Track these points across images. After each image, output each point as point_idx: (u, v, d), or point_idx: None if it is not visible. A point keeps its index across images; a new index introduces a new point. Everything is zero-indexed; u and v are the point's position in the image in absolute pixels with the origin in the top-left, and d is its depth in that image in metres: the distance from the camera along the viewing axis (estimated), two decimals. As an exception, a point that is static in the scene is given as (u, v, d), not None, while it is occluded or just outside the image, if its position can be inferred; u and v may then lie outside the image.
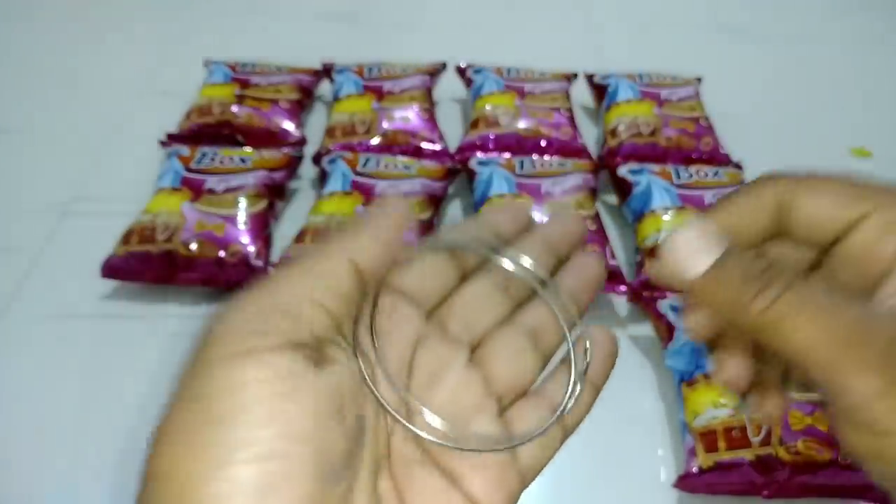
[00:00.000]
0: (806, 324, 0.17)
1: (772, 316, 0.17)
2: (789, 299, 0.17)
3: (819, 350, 0.17)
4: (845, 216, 0.19)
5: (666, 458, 0.43)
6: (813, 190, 0.20)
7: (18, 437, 0.43)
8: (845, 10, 0.92)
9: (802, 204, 0.20)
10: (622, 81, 0.65)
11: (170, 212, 0.51)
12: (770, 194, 0.20)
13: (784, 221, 0.20)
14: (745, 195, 0.21)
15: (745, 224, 0.20)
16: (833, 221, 0.19)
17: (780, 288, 0.18)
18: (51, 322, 0.49)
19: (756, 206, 0.20)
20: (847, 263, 0.20)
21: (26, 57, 0.79)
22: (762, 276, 0.18)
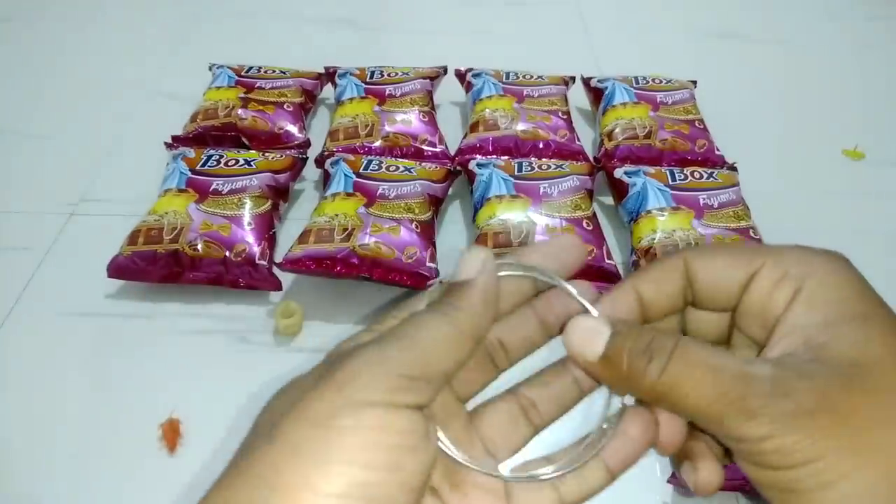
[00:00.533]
0: (694, 388, 0.19)
1: (664, 385, 0.20)
2: (675, 367, 0.19)
3: (710, 408, 0.19)
4: (738, 276, 0.21)
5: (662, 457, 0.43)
6: (710, 256, 0.22)
7: (24, 433, 0.44)
8: (838, 13, 0.93)
9: (700, 269, 0.22)
10: (618, 85, 0.67)
11: (176, 212, 0.52)
12: (677, 263, 0.22)
13: (692, 288, 0.22)
14: (656, 267, 0.23)
15: (659, 290, 0.22)
16: (728, 281, 0.21)
17: (664, 358, 0.20)
18: (58, 320, 0.50)
19: (666, 275, 0.22)
20: (749, 319, 0.21)
21: (34, 60, 0.80)
22: (647, 349, 0.20)
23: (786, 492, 0.18)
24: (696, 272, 0.22)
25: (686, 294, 0.22)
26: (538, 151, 0.62)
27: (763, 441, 0.18)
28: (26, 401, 0.45)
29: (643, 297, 0.22)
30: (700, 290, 0.22)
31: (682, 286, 0.22)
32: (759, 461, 0.19)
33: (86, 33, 0.85)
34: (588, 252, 0.51)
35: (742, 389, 0.19)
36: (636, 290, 0.22)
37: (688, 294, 0.22)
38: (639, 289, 0.22)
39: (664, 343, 0.20)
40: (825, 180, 0.66)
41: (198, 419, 0.44)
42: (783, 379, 0.19)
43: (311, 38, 0.85)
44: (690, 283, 0.22)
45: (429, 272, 0.49)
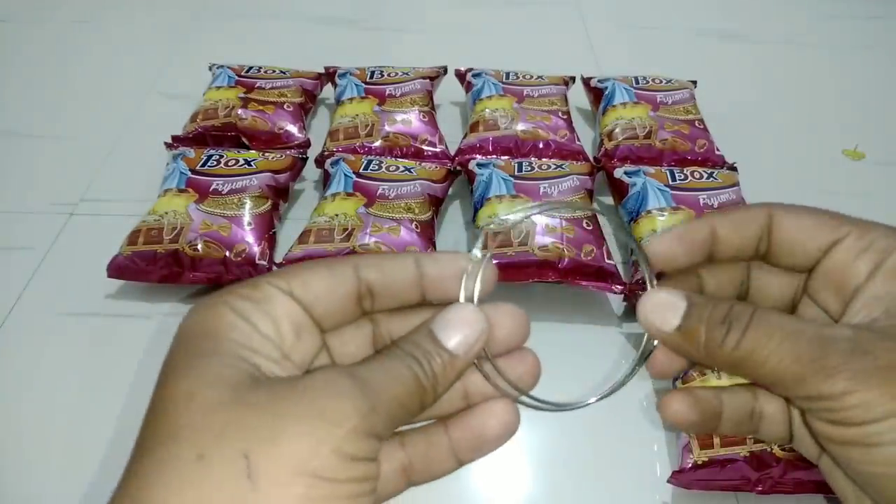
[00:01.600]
0: (773, 353, 0.19)
1: (741, 353, 0.20)
2: (753, 335, 0.20)
3: (788, 370, 0.19)
4: (823, 238, 0.21)
5: (661, 454, 0.43)
6: (797, 213, 0.22)
7: (23, 432, 0.44)
8: (838, 13, 0.93)
9: (787, 223, 0.22)
10: (618, 85, 0.67)
11: (176, 212, 0.52)
12: (761, 212, 0.22)
13: (770, 239, 0.22)
14: (738, 210, 0.23)
15: (735, 231, 0.22)
16: (811, 241, 0.21)
17: (742, 327, 0.20)
18: (57, 320, 0.50)
19: (748, 219, 0.22)
20: (823, 285, 0.22)
21: (34, 60, 0.80)
22: (725, 320, 0.20)
23: (863, 447, 0.19)
24: (779, 225, 0.22)
25: (760, 245, 0.22)
26: (538, 151, 0.62)
27: (843, 397, 0.18)
28: (26, 401, 0.45)
29: (718, 233, 0.22)
30: (779, 244, 0.22)
31: (759, 235, 0.22)
32: (838, 418, 0.19)
33: (86, 33, 0.85)
34: (588, 252, 0.51)
35: (821, 350, 0.19)
36: (712, 225, 0.22)
37: (762, 245, 0.22)
38: (715, 225, 0.22)
39: (741, 312, 0.20)
40: (825, 180, 0.66)
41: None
42: (863, 340, 0.19)
43: (311, 38, 0.85)
44: (770, 235, 0.22)
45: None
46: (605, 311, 0.52)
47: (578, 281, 0.50)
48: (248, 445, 0.16)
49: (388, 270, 0.20)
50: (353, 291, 0.20)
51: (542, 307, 0.52)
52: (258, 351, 0.18)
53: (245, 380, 0.17)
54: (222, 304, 0.18)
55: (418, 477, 0.22)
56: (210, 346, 0.18)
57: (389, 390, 0.18)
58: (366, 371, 0.18)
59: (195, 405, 0.17)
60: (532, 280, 0.50)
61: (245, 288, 0.19)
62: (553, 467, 0.43)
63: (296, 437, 0.16)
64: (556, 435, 0.44)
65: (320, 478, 0.16)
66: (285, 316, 0.19)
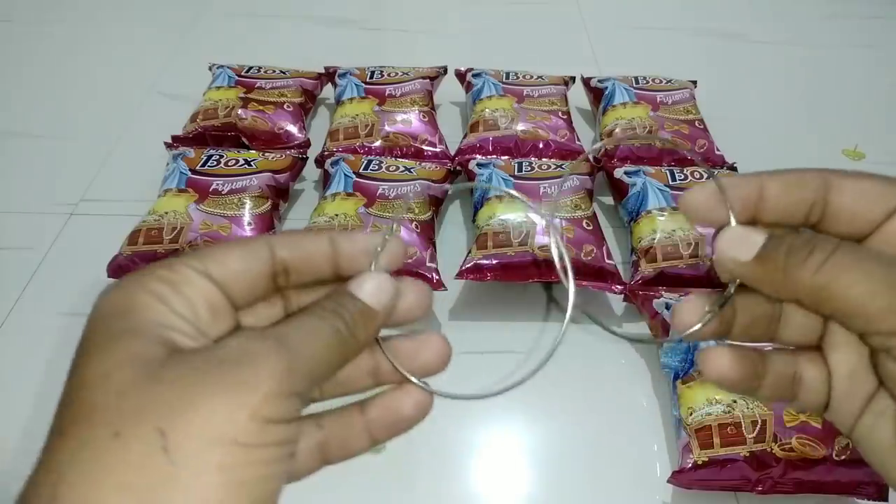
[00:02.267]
0: (860, 278, 0.18)
1: (825, 276, 0.18)
2: (839, 258, 0.19)
3: (876, 299, 0.18)
4: (888, 204, 0.20)
5: (661, 454, 0.43)
6: (855, 178, 0.20)
7: (24, 432, 0.44)
8: (838, 13, 0.93)
9: (849, 188, 0.20)
10: (618, 85, 0.67)
11: (176, 212, 0.52)
12: (817, 174, 0.21)
13: (825, 204, 0.21)
14: (792, 172, 0.21)
15: (787, 192, 0.21)
16: (874, 207, 0.20)
17: (827, 251, 0.19)
18: (58, 320, 0.50)
19: (801, 182, 0.21)
20: (883, 249, 0.20)
21: (34, 60, 0.80)
22: (807, 244, 0.19)
23: None
24: (839, 190, 0.20)
25: (812, 211, 0.21)
26: (538, 151, 0.62)
27: None
28: (26, 401, 0.45)
29: (767, 193, 0.21)
30: (837, 210, 0.20)
31: (812, 200, 0.20)
32: None
33: (86, 33, 0.85)
34: (588, 252, 0.51)
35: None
36: (762, 184, 0.20)
37: (814, 212, 0.21)
38: (766, 184, 0.20)
39: (825, 240, 0.19)
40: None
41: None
42: None
43: (311, 38, 0.85)
44: (828, 201, 0.20)
45: (428, 272, 0.49)
46: (605, 311, 0.52)
47: (578, 281, 0.50)
48: (163, 420, 0.15)
49: (304, 248, 0.20)
50: (268, 270, 0.20)
51: (541, 307, 0.52)
52: (174, 327, 0.18)
53: (160, 356, 0.17)
54: (136, 285, 0.18)
55: (334, 455, 0.22)
56: (124, 326, 0.17)
57: (308, 346, 0.18)
58: (282, 330, 0.18)
59: (110, 385, 0.16)
60: (532, 280, 0.50)
61: (161, 269, 0.18)
62: (553, 467, 0.43)
63: (211, 407, 0.16)
64: (557, 435, 0.44)
65: (238, 444, 0.16)
66: (201, 297, 0.18)
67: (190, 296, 0.18)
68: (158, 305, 0.18)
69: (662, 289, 0.49)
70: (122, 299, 0.18)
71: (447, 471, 0.42)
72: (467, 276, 0.50)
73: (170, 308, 0.18)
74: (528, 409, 0.46)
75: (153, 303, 0.18)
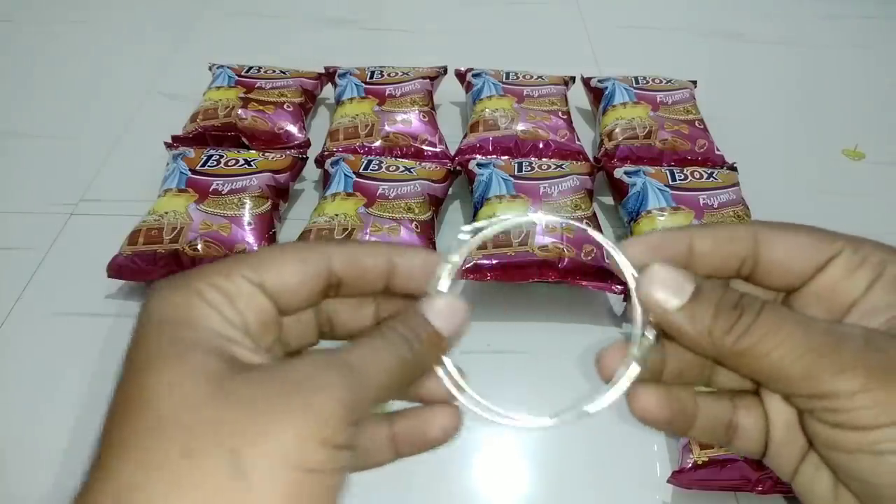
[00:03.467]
0: (782, 342, 0.18)
1: (748, 341, 0.18)
2: (765, 322, 0.19)
3: (796, 363, 0.18)
4: (816, 257, 0.20)
5: (661, 454, 0.43)
6: (785, 232, 0.21)
7: (24, 432, 0.44)
8: (838, 13, 0.93)
9: (777, 243, 0.21)
10: (618, 85, 0.67)
11: (176, 212, 0.52)
12: (748, 229, 0.21)
13: (757, 258, 0.21)
14: (721, 227, 0.21)
15: (717, 248, 0.21)
16: (804, 261, 0.20)
17: (753, 315, 0.19)
18: (58, 320, 0.50)
19: (731, 237, 0.21)
20: (812, 301, 0.21)
21: (34, 60, 0.80)
22: (736, 306, 0.19)
23: (871, 455, 0.17)
24: (769, 245, 0.20)
25: (744, 266, 0.21)
26: (538, 151, 0.62)
27: (855, 396, 0.17)
28: (26, 401, 0.45)
29: (696, 248, 0.21)
30: (767, 264, 0.21)
31: (742, 256, 0.21)
32: (845, 420, 0.17)
33: (86, 33, 0.85)
34: (588, 252, 0.51)
35: (835, 342, 0.18)
36: (692, 239, 0.21)
37: (745, 266, 0.21)
38: (695, 239, 0.21)
39: (752, 300, 0.19)
40: (825, 180, 0.66)
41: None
42: (876, 338, 0.18)
43: (311, 38, 0.85)
44: (758, 255, 0.21)
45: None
46: (605, 311, 0.52)
47: (578, 281, 0.50)
48: (235, 441, 0.15)
49: (362, 263, 0.20)
50: (323, 283, 0.20)
51: (542, 307, 0.52)
52: (235, 340, 0.17)
53: (225, 370, 0.16)
54: (193, 292, 0.18)
55: (354, 466, 0.22)
56: (188, 335, 0.17)
57: (377, 374, 0.18)
58: (352, 355, 0.18)
59: (178, 398, 0.16)
60: (532, 280, 0.50)
61: (216, 276, 0.18)
62: (553, 467, 0.43)
63: (282, 431, 0.16)
64: (557, 435, 0.44)
65: (307, 470, 0.16)
66: (255, 309, 0.18)
67: (244, 308, 0.18)
68: (217, 316, 0.18)
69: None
70: (181, 306, 0.18)
71: (447, 471, 0.42)
72: (467, 276, 0.50)
73: (227, 320, 0.18)
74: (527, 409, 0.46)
75: (212, 313, 0.18)
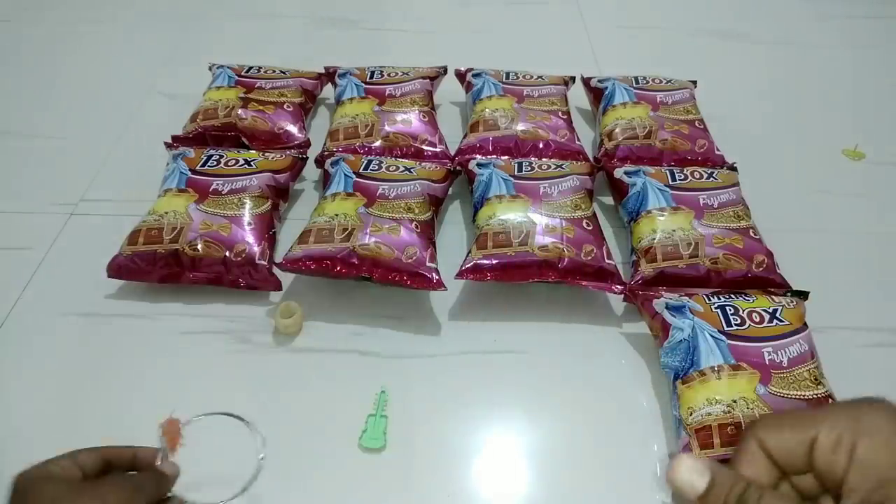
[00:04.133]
0: None
1: None
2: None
3: None
4: (801, 449, 0.26)
5: (661, 454, 0.43)
6: (772, 430, 0.27)
7: (24, 432, 0.44)
8: (838, 13, 0.93)
9: (771, 444, 0.27)
10: (618, 85, 0.67)
11: (176, 212, 0.52)
12: (754, 445, 0.27)
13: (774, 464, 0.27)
14: (740, 453, 0.27)
15: (758, 473, 0.27)
16: (796, 449, 0.26)
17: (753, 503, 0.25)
18: (58, 320, 0.50)
19: (751, 458, 0.27)
20: (821, 475, 0.26)
21: (34, 60, 0.80)
22: (739, 498, 0.25)
23: None
24: (770, 449, 0.27)
25: (774, 471, 0.27)
26: (538, 151, 0.62)
27: None
28: (26, 400, 0.45)
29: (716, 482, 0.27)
30: (780, 462, 0.27)
31: (767, 462, 0.27)
32: None
33: (86, 34, 0.85)
34: (588, 252, 0.51)
35: None
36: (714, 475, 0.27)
37: (774, 471, 0.27)
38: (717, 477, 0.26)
39: (754, 491, 0.25)
40: (825, 180, 0.66)
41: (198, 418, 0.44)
42: None
43: (311, 38, 0.85)
44: (772, 459, 0.27)
45: (428, 272, 0.49)
46: (605, 311, 0.52)
47: (578, 281, 0.50)
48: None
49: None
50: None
51: (542, 307, 0.52)
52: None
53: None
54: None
55: None
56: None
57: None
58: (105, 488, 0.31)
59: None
60: (532, 280, 0.50)
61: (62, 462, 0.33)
62: (553, 467, 0.43)
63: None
64: (557, 435, 0.44)
65: None
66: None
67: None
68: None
69: (662, 289, 0.49)
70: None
71: (447, 471, 0.42)
72: (467, 276, 0.50)
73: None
74: (528, 409, 0.46)
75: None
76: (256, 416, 0.37)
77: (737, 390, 0.41)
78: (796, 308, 0.46)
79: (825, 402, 0.41)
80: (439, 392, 0.46)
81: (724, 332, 0.44)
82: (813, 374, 0.42)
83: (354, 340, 0.49)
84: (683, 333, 0.44)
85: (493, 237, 0.51)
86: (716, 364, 0.42)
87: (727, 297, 0.46)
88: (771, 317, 0.45)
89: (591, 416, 0.45)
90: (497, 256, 0.50)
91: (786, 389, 0.41)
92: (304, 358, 0.48)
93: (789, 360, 0.42)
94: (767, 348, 0.43)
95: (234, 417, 0.36)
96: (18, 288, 0.53)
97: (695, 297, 0.46)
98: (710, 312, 0.45)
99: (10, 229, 0.58)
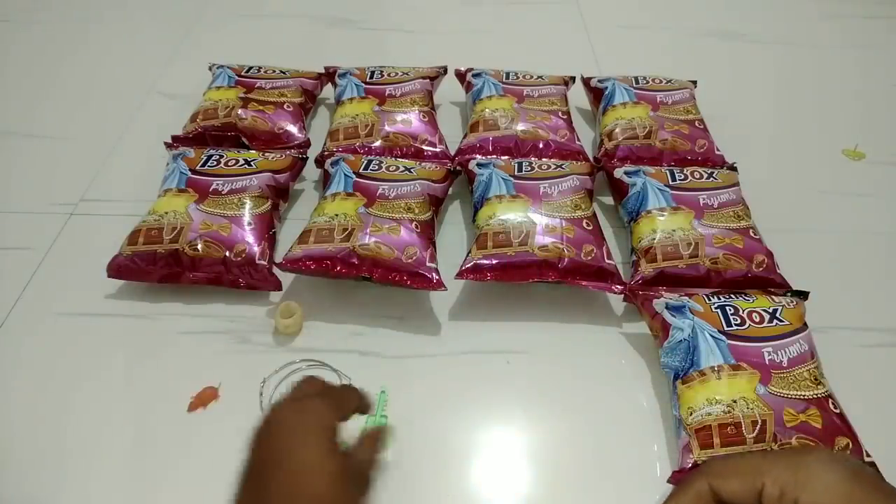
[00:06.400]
0: None
1: None
2: None
3: None
4: (750, 493, 0.28)
5: (661, 454, 0.43)
6: (722, 476, 0.30)
7: (25, 432, 0.44)
8: (838, 13, 0.93)
9: (722, 490, 0.29)
10: (618, 85, 0.67)
11: (176, 212, 0.52)
12: (705, 486, 0.29)
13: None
14: (688, 493, 0.30)
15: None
16: (747, 498, 0.28)
17: None
18: (58, 320, 0.50)
19: (698, 499, 0.30)
20: None
21: (34, 60, 0.80)
22: None
23: None
24: (721, 496, 0.29)
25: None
26: (538, 151, 0.62)
27: None
28: (26, 400, 0.45)
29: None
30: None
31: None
32: None
33: (86, 34, 0.85)
34: (588, 252, 0.51)
35: None
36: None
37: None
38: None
39: None
40: (824, 180, 0.66)
41: (198, 419, 0.44)
42: None
43: (311, 38, 0.85)
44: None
45: (429, 272, 0.49)
46: (605, 311, 0.52)
47: (578, 281, 0.50)
48: None
49: None
50: None
51: (542, 307, 0.52)
52: None
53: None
54: None
55: None
56: None
57: None
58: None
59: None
60: (532, 280, 0.50)
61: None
62: (553, 467, 0.43)
63: None
64: (557, 435, 0.44)
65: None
66: None
67: None
68: None
69: (662, 289, 0.49)
70: None
71: (447, 471, 0.42)
72: (467, 276, 0.50)
73: None
74: (528, 409, 0.46)
75: None
76: (256, 415, 0.37)
77: (737, 390, 0.41)
78: (796, 308, 0.46)
79: (825, 402, 0.41)
80: (439, 392, 0.46)
81: (724, 332, 0.44)
82: (813, 374, 0.42)
83: (354, 340, 0.49)
84: (683, 333, 0.44)
85: (493, 237, 0.51)
86: (716, 364, 0.42)
87: (727, 297, 0.46)
88: (771, 317, 0.45)
89: (591, 416, 0.45)
90: (497, 256, 0.50)
91: (786, 389, 0.41)
92: (304, 358, 0.48)
93: (789, 360, 0.42)
94: (767, 348, 0.43)
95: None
96: (18, 288, 0.53)
97: (695, 297, 0.46)
98: (710, 312, 0.45)
99: (10, 229, 0.58)
